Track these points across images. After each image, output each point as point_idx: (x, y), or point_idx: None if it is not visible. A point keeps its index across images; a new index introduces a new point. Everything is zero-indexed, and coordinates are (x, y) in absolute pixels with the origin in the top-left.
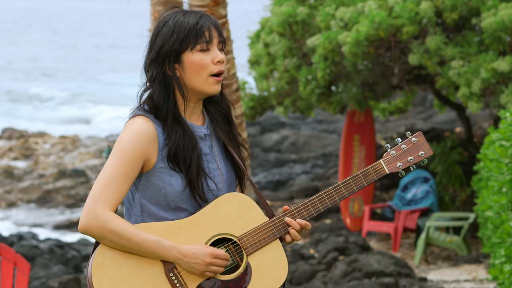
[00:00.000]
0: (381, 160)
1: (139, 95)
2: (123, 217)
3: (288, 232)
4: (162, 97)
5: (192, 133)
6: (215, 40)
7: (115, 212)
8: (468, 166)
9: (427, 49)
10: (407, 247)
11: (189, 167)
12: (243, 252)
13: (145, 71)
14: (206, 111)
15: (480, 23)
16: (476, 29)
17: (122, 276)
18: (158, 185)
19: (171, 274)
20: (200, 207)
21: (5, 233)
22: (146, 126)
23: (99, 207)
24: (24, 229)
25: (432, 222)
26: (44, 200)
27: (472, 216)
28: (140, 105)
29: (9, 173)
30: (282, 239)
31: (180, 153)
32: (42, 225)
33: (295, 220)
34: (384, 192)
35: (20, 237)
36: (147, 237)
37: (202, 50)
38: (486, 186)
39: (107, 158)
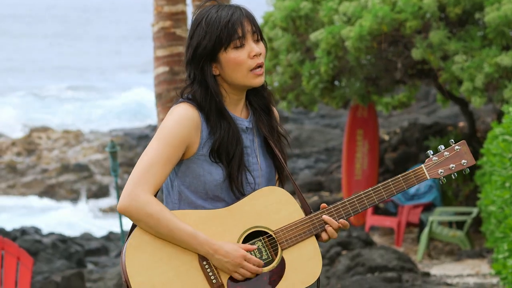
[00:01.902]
0: (422, 165)
1: (180, 93)
2: (162, 202)
3: (325, 230)
4: (204, 96)
5: (236, 126)
6: (249, 34)
7: (155, 196)
8: None
9: (430, 44)
10: (410, 241)
11: (231, 160)
12: (278, 246)
13: (185, 68)
14: (248, 103)
15: (483, 18)
16: (480, 23)
17: (155, 260)
18: (198, 172)
19: (204, 262)
20: (237, 199)
21: (8, 228)
22: (191, 112)
23: (140, 190)
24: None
25: (435, 216)
26: (47, 194)
27: (475, 210)
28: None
29: (12, 167)
30: (317, 237)
31: (224, 147)
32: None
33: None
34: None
35: (23, 231)
36: (183, 228)
37: (236, 47)
38: (489, 181)
39: (110, 153)
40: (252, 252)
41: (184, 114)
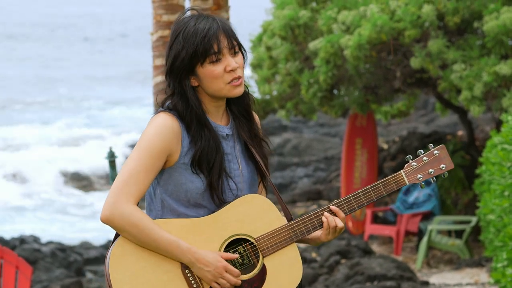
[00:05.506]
0: (401, 171)
1: (160, 103)
2: (145, 210)
3: (310, 233)
4: (184, 108)
5: (216, 135)
6: (226, 49)
7: (137, 205)
8: (470, 169)
9: (429, 53)
10: (409, 250)
11: (211, 169)
12: (260, 253)
13: (165, 78)
14: (229, 110)
15: (482, 27)
16: (478, 32)
17: (138, 268)
18: (180, 180)
19: (187, 271)
20: (219, 206)
21: (7, 237)
22: (170, 121)
23: (122, 200)
24: (27, 233)
25: (434, 225)
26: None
27: (474, 219)
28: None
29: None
30: (316, 237)
31: (204, 156)
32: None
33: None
34: (386, 196)
35: (22, 240)
36: (165, 236)
37: (212, 62)
38: (488, 190)
39: (109, 161)
40: (235, 260)
41: (163, 123)
